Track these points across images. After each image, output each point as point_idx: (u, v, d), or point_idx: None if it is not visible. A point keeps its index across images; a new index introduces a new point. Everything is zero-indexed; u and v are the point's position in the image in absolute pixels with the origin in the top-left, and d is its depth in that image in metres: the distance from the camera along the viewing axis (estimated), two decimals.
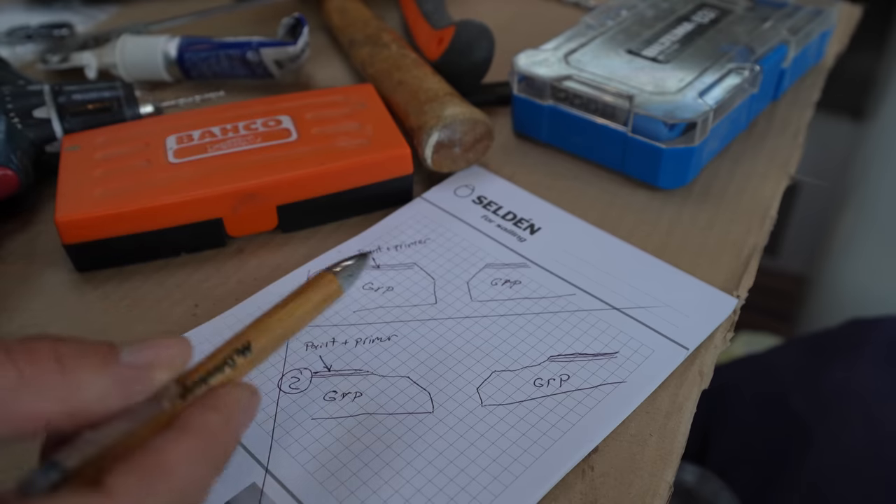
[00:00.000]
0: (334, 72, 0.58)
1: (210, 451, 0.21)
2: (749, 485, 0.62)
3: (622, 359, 0.34)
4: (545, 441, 0.31)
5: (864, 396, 0.59)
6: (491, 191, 0.45)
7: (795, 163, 0.48)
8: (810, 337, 0.70)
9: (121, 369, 0.21)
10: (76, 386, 0.20)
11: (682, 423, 0.32)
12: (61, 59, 0.55)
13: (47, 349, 0.20)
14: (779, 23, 0.52)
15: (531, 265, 0.40)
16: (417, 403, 0.33)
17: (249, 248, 0.42)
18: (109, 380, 0.21)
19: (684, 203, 0.45)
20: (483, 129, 0.44)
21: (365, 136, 0.43)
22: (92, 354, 0.21)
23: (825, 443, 0.58)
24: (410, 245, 0.41)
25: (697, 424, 0.33)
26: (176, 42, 0.54)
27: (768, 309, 1.31)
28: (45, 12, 0.66)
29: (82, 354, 0.20)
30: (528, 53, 0.48)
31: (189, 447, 0.21)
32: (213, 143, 0.42)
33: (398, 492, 0.29)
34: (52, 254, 0.42)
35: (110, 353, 0.21)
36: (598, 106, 0.45)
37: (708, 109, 0.42)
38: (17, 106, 0.44)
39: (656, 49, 0.49)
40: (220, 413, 0.22)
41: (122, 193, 0.39)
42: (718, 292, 0.38)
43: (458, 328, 0.36)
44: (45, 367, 0.20)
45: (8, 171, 0.40)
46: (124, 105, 0.47)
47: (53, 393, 0.19)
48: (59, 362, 0.20)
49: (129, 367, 0.21)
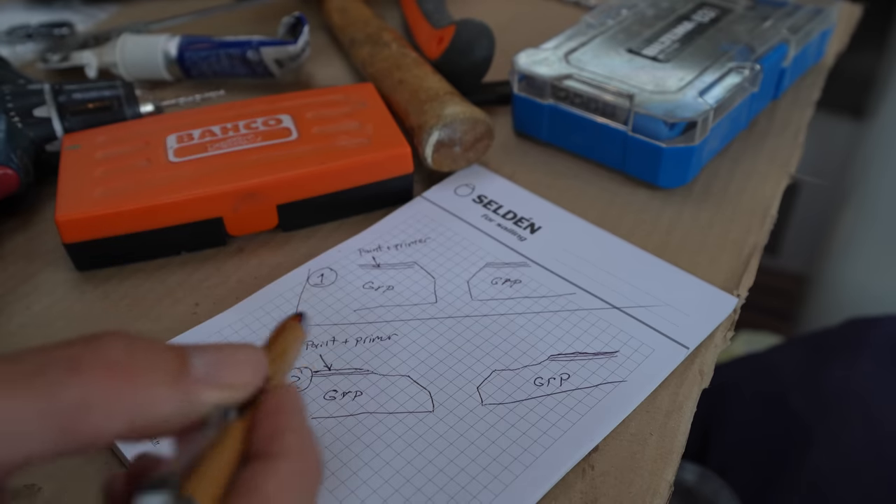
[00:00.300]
0: (335, 71, 0.58)
1: (303, 465, 0.20)
2: (749, 484, 0.62)
3: (622, 358, 0.34)
4: (545, 440, 0.31)
5: (863, 395, 0.59)
6: (491, 190, 0.45)
7: (796, 162, 0.48)
8: (810, 336, 0.70)
9: (191, 386, 0.19)
10: (147, 405, 0.19)
11: (682, 422, 0.32)
12: (61, 59, 0.55)
13: (118, 357, 0.18)
14: (779, 22, 0.52)
15: (531, 264, 0.40)
16: (418, 402, 0.33)
17: (250, 247, 0.42)
18: (179, 398, 0.19)
19: (684, 202, 0.45)
20: (483, 129, 0.44)
21: (365, 136, 0.43)
22: (164, 363, 0.19)
23: (825, 442, 0.58)
24: (410, 244, 0.41)
25: (697, 423, 0.33)
26: (176, 41, 0.54)
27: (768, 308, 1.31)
28: (46, 11, 0.66)
29: (154, 364, 0.19)
30: (528, 52, 0.48)
31: (284, 474, 0.20)
32: (213, 142, 0.42)
33: (398, 491, 0.29)
34: (52, 253, 0.42)
35: (182, 363, 0.20)
36: (599, 105, 0.45)
37: (708, 108, 0.42)
38: (18, 105, 0.44)
39: (656, 48, 0.49)
40: (294, 431, 0.21)
41: (122, 192, 0.39)
42: (718, 291, 0.38)
43: (458, 327, 0.36)
44: (116, 384, 0.18)
45: (8, 171, 0.40)
46: (124, 104, 0.47)
47: (124, 413, 0.18)
48: (129, 374, 0.18)
49: (199, 384, 0.20)
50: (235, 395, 0.20)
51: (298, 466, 0.20)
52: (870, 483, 0.55)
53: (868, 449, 0.56)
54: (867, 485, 0.55)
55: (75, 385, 0.17)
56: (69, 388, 0.17)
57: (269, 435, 0.20)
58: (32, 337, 0.37)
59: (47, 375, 0.17)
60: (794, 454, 0.59)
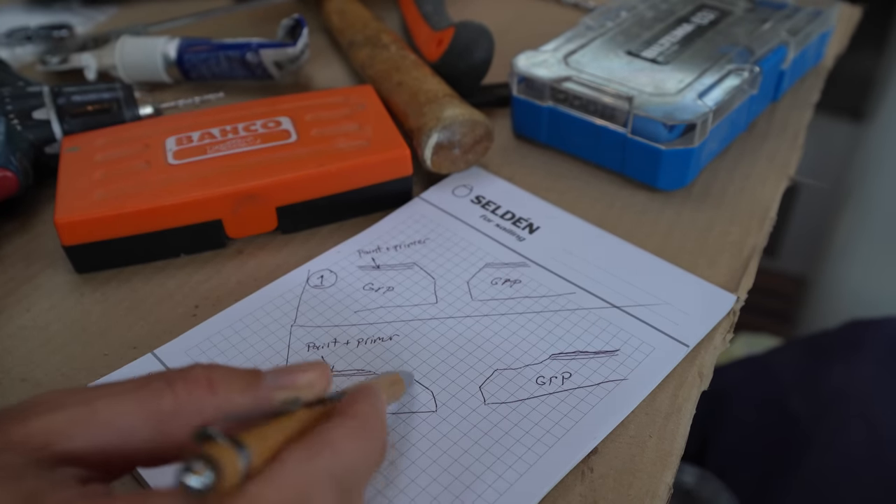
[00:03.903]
0: (334, 73, 0.58)
1: (368, 431, 0.24)
2: (748, 486, 0.62)
3: (623, 356, 0.34)
4: (549, 438, 0.31)
5: (863, 397, 0.59)
6: (489, 191, 0.45)
7: (795, 164, 0.48)
8: (809, 338, 0.70)
9: (264, 392, 0.23)
10: (226, 405, 0.23)
11: (681, 424, 0.32)
12: (61, 61, 0.55)
13: (201, 375, 0.23)
14: (778, 24, 0.52)
15: (531, 264, 0.40)
16: (421, 402, 0.33)
17: (249, 250, 0.42)
18: (254, 400, 0.23)
19: (684, 204, 0.45)
20: (482, 131, 0.44)
21: (364, 138, 0.43)
22: (239, 378, 0.23)
23: (824, 444, 0.58)
24: (410, 245, 0.41)
25: (697, 425, 0.33)
26: (175, 43, 0.54)
27: (768, 310, 1.31)
28: (45, 13, 0.66)
29: (231, 379, 0.23)
30: (527, 55, 0.48)
31: (349, 427, 0.23)
32: (212, 144, 0.42)
33: (403, 491, 0.29)
34: (51, 255, 0.42)
35: (255, 378, 0.24)
36: (598, 107, 0.45)
37: (707, 111, 0.42)
38: (17, 107, 0.44)
39: (656, 50, 0.49)
40: (370, 405, 0.25)
41: (121, 195, 0.39)
42: (717, 289, 0.38)
43: (459, 327, 0.36)
44: (199, 390, 0.22)
45: (7, 173, 0.40)
46: (124, 106, 0.47)
47: (207, 412, 0.22)
48: (211, 386, 0.23)
49: (272, 389, 0.24)
50: (302, 393, 0.24)
51: (366, 431, 0.24)
52: (869, 485, 0.55)
53: (867, 451, 0.56)
54: (866, 486, 0.55)
55: (169, 395, 0.22)
56: (165, 397, 0.22)
57: (348, 402, 0.25)
58: (31, 339, 0.37)
59: (150, 388, 0.22)
60: (793, 456, 0.59)
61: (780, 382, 0.65)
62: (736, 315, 0.37)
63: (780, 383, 0.65)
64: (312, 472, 0.21)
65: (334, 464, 0.22)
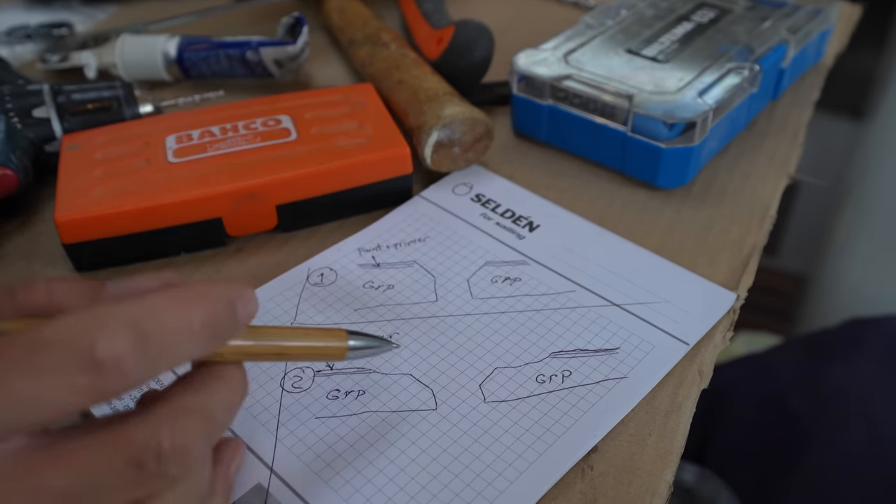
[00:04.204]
0: (334, 71, 0.58)
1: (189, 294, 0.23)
2: (748, 484, 0.62)
3: (623, 354, 0.34)
4: (549, 437, 0.31)
5: (863, 396, 0.59)
6: (489, 189, 0.45)
7: (795, 162, 0.48)
8: (809, 336, 0.70)
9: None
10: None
11: (681, 422, 0.32)
12: (61, 59, 0.55)
13: (42, 284, 0.23)
14: (778, 22, 0.52)
15: (531, 262, 0.40)
16: (420, 401, 0.33)
17: (249, 248, 0.42)
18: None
19: (684, 203, 0.45)
20: (482, 129, 0.44)
21: (364, 136, 0.43)
22: (84, 287, 0.23)
23: (824, 442, 0.58)
24: (410, 243, 0.41)
25: (697, 424, 0.33)
26: (175, 41, 0.54)
27: (768, 309, 1.31)
28: (45, 12, 0.66)
29: (72, 288, 0.23)
30: (527, 53, 0.48)
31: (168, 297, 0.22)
32: (212, 142, 0.42)
33: (403, 489, 0.29)
34: (51, 254, 0.41)
35: (98, 288, 0.23)
36: (598, 105, 0.45)
37: (707, 109, 0.42)
38: (17, 105, 0.44)
39: (656, 48, 0.49)
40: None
41: (121, 193, 0.39)
42: (717, 287, 0.38)
43: (459, 325, 0.36)
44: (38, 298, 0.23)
45: (7, 171, 0.40)
46: (124, 105, 0.47)
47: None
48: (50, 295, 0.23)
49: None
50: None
51: (186, 294, 0.22)
52: (869, 483, 0.55)
53: (867, 449, 0.56)
54: (866, 485, 0.55)
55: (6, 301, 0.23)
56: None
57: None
58: None
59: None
60: (793, 454, 0.59)
61: (780, 381, 0.65)
62: (736, 313, 0.37)
63: (780, 382, 0.65)
64: (103, 314, 0.20)
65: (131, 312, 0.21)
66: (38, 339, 0.19)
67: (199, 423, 0.22)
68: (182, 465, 0.21)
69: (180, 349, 0.21)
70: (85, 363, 0.19)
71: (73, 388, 0.19)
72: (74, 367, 0.19)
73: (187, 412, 0.22)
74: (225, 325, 0.23)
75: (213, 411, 0.23)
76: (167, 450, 0.21)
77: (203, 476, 0.24)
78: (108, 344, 0.19)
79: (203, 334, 0.22)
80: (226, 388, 0.24)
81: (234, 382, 0.24)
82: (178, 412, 0.22)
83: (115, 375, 0.19)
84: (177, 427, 0.21)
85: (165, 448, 0.21)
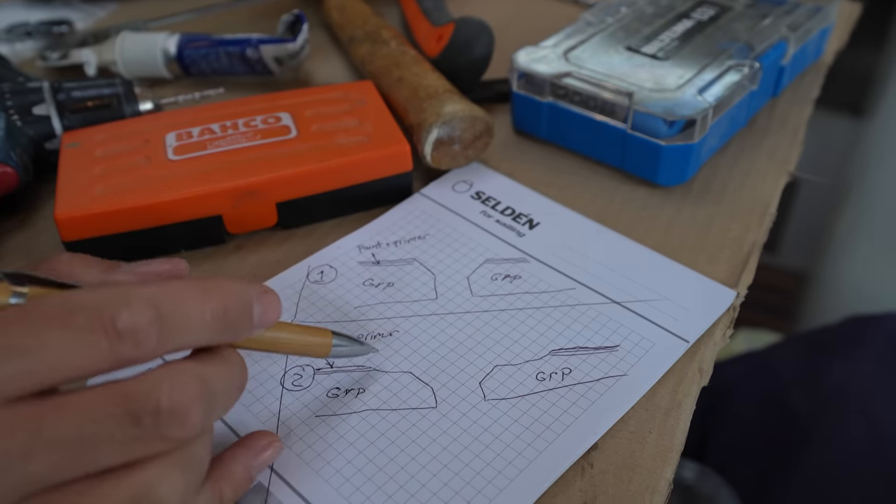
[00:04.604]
0: (334, 69, 0.58)
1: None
2: (748, 481, 0.63)
3: (623, 352, 0.34)
4: (549, 434, 0.31)
5: (863, 393, 0.59)
6: (489, 186, 0.45)
7: (795, 160, 0.48)
8: (810, 334, 0.70)
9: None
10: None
11: (681, 419, 0.32)
12: (61, 56, 0.55)
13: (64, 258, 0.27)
14: (778, 20, 0.52)
15: (531, 260, 0.40)
16: (421, 399, 0.33)
17: (249, 245, 0.42)
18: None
19: (684, 200, 0.45)
20: (482, 126, 0.44)
21: (364, 133, 0.43)
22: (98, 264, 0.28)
23: (824, 439, 0.58)
24: (410, 241, 0.41)
25: (697, 421, 0.33)
26: (175, 39, 0.54)
27: (768, 306, 1.31)
28: (45, 9, 0.66)
29: (89, 263, 0.28)
30: (527, 50, 0.48)
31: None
32: (212, 140, 0.42)
33: (403, 487, 0.29)
34: (51, 251, 0.41)
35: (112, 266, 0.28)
36: (598, 103, 0.45)
37: (707, 106, 0.42)
38: (17, 103, 0.44)
39: (656, 46, 0.49)
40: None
41: (121, 190, 0.39)
42: (717, 285, 0.38)
43: (459, 323, 0.36)
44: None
45: (7, 169, 0.40)
46: (124, 102, 0.47)
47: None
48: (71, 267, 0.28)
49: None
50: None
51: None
52: (869, 480, 0.55)
53: (867, 447, 0.56)
54: (866, 482, 0.55)
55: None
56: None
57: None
58: None
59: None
60: (793, 452, 0.59)
61: (780, 378, 0.65)
62: (736, 311, 0.37)
63: (780, 379, 0.65)
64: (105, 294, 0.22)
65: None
66: (70, 303, 0.22)
67: (197, 386, 0.23)
68: (178, 425, 0.22)
69: (191, 334, 0.24)
70: (108, 328, 0.21)
71: (94, 349, 0.21)
72: (99, 331, 0.21)
73: (185, 373, 0.23)
74: (237, 321, 0.25)
75: (211, 382, 0.24)
76: (165, 406, 0.22)
77: (200, 453, 0.24)
78: (130, 317, 0.22)
79: (214, 325, 0.24)
80: (225, 364, 0.25)
81: (233, 360, 0.25)
82: (176, 372, 0.23)
83: (131, 345, 0.22)
84: (175, 384, 0.22)
85: (163, 404, 0.22)
